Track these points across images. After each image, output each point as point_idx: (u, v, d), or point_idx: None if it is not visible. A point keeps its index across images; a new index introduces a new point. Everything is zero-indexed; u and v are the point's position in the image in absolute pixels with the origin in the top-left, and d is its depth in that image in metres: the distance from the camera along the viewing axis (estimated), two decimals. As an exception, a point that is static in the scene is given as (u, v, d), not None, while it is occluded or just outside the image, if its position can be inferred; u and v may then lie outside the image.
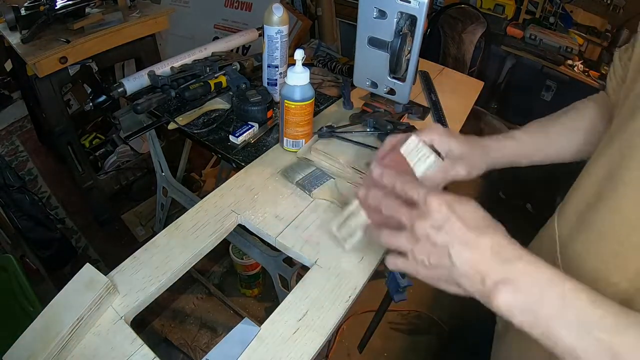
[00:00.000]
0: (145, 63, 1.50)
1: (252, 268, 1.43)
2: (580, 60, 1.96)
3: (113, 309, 0.54)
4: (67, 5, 1.34)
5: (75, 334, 0.50)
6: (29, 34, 1.26)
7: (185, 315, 1.47)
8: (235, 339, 0.64)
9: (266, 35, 0.89)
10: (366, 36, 0.81)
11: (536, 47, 1.98)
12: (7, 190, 1.35)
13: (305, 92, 0.75)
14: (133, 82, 0.98)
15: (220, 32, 2.25)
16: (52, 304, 0.51)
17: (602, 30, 1.92)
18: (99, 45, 1.34)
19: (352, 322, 1.47)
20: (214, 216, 0.67)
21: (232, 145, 0.87)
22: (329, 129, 0.86)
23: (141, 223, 1.75)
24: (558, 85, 2.01)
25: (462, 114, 1.03)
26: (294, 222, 0.68)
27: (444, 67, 1.26)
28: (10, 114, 2.36)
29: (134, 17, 1.43)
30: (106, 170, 1.82)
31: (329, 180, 0.76)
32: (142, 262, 0.60)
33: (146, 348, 0.51)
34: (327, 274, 0.60)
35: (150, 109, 0.90)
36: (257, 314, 1.49)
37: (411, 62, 0.80)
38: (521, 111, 2.16)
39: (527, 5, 2.06)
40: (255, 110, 0.91)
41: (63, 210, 1.84)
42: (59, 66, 1.27)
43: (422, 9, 0.72)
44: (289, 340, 0.52)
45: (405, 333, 1.49)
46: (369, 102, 0.94)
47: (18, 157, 2.12)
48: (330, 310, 0.56)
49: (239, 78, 0.97)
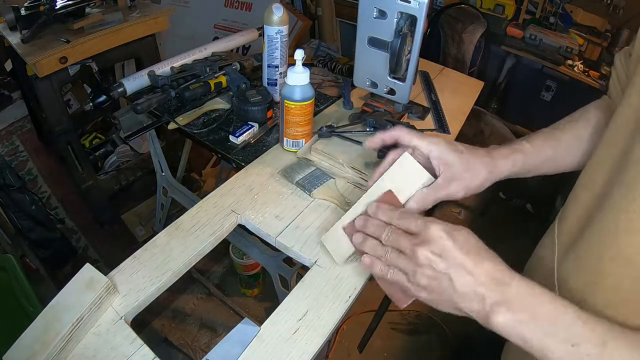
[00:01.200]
0: (145, 63, 1.50)
1: (252, 268, 1.43)
2: (580, 60, 1.96)
3: (113, 309, 0.54)
4: (67, 5, 1.34)
5: (75, 334, 0.50)
6: (29, 34, 1.26)
7: (185, 315, 1.47)
8: (235, 339, 0.64)
9: (266, 35, 0.89)
10: (366, 36, 0.81)
11: (536, 47, 1.98)
12: (7, 190, 1.35)
13: (305, 92, 0.75)
14: (133, 82, 0.98)
15: (220, 32, 2.25)
16: (52, 304, 0.51)
17: (602, 30, 1.92)
18: (99, 45, 1.34)
19: (352, 322, 1.48)
20: (214, 216, 0.67)
21: (232, 145, 0.87)
22: (329, 129, 0.86)
23: (141, 223, 1.75)
24: (558, 85, 2.01)
25: (462, 114, 1.03)
26: (294, 222, 0.68)
27: (444, 67, 1.26)
28: (10, 114, 2.35)
29: (134, 17, 1.43)
30: (106, 170, 1.82)
31: (329, 180, 0.76)
32: (142, 262, 0.60)
33: (146, 348, 0.51)
34: (327, 274, 0.60)
35: (150, 109, 0.90)
36: (257, 314, 1.49)
37: (411, 62, 0.80)
38: (521, 111, 2.16)
39: (527, 5, 2.06)
40: (255, 110, 0.91)
41: (63, 210, 1.84)
42: (59, 66, 1.27)
43: (422, 9, 0.72)
44: (289, 340, 0.52)
45: (405, 333, 1.49)
46: (369, 102, 0.94)
47: (18, 157, 2.12)
48: (330, 310, 0.56)
49: (239, 78, 0.97)
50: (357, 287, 0.59)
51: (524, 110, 2.15)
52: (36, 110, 1.98)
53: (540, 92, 2.08)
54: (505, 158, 0.54)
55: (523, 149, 0.55)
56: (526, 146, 0.55)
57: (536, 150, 0.56)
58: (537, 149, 0.56)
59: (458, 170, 0.52)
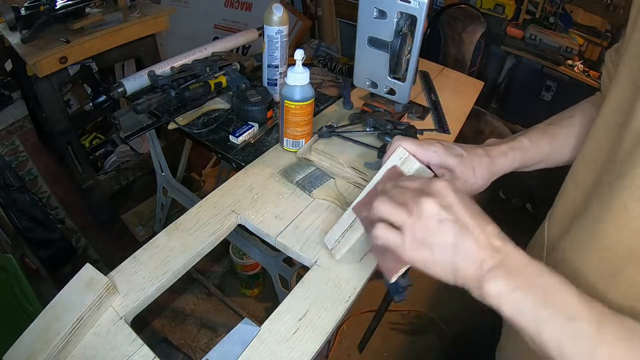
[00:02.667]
0: (145, 63, 1.50)
1: (252, 268, 1.43)
2: (580, 60, 1.96)
3: (113, 309, 0.54)
4: (67, 5, 1.34)
5: (76, 333, 0.50)
6: (29, 34, 1.26)
7: (185, 315, 1.47)
8: (235, 339, 0.64)
9: (266, 35, 0.89)
10: (366, 36, 0.81)
11: (536, 47, 1.98)
12: (7, 190, 1.35)
13: (305, 92, 0.75)
14: (133, 82, 0.98)
15: (220, 32, 2.25)
16: (52, 304, 0.51)
17: (602, 30, 1.92)
18: (99, 45, 1.34)
19: (352, 322, 1.47)
20: (214, 216, 0.67)
21: (232, 145, 0.87)
22: (329, 129, 0.86)
23: (141, 223, 1.75)
24: (558, 85, 2.00)
25: (462, 114, 1.03)
26: (294, 222, 0.68)
27: (444, 67, 1.26)
28: (10, 114, 2.36)
29: (134, 17, 1.43)
30: (106, 170, 1.82)
31: (329, 180, 0.76)
32: (142, 262, 0.60)
33: (146, 348, 0.51)
34: (327, 274, 0.60)
35: (150, 109, 0.90)
36: (257, 314, 1.49)
37: (411, 62, 0.80)
38: (521, 111, 2.16)
39: (527, 5, 2.06)
40: (255, 110, 0.91)
41: (63, 210, 1.84)
42: (59, 66, 1.27)
43: (422, 9, 0.72)
44: (289, 340, 0.52)
45: (405, 333, 1.49)
46: (369, 102, 0.94)
47: (18, 157, 2.12)
48: (330, 310, 0.56)
49: (239, 78, 0.97)
50: (357, 287, 0.59)
51: (524, 110, 2.14)
52: (36, 110, 1.98)
53: (540, 92, 2.08)
54: (504, 155, 0.54)
55: (522, 145, 0.55)
56: (524, 142, 0.56)
57: (534, 145, 0.56)
58: (535, 144, 0.56)
59: (460, 175, 0.52)
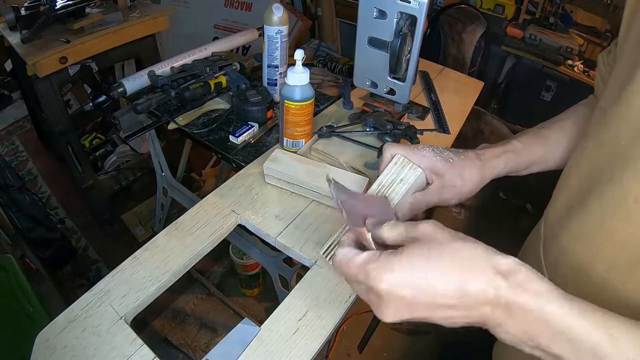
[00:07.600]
0: (145, 63, 1.50)
1: (252, 268, 1.43)
2: (580, 60, 1.96)
3: (113, 309, 0.54)
4: (67, 5, 1.34)
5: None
6: (29, 34, 1.26)
7: (185, 315, 1.47)
8: (235, 339, 0.64)
9: (266, 35, 0.89)
10: (366, 36, 0.81)
11: (536, 47, 1.98)
12: (7, 190, 1.35)
13: (305, 92, 0.75)
14: (133, 82, 0.98)
15: (220, 32, 2.25)
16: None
17: (602, 30, 1.92)
18: (99, 45, 1.34)
19: (352, 322, 1.47)
20: (214, 216, 0.67)
21: (232, 145, 0.87)
22: (329, 129, 0.86)
23: (141, 223, 1.75)
24: (558, 85, 2.01)
25: (462, 114, 1.03)
26: (294, 222, 0.68)
27: (444, 67, 1.26)
28: (10, 114, 2.35)
29: (134, 17, 1.42)
30: (106, 170, 1.82)
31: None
32: (142, 262, 0.60)
33: (146, 348, 0.51)
34: (327, 274, 0.60)
35: (150, 109, 0.90)
36: (257, 314, 1.49)
37: (411, 62, 0.80)
38: (521, 111, 2.16)
39: (527, 5, 2.06)
40: (255, 110, 0.91)
41: (63, 210, 1.84)
42: (59, 66, 1.27)
43: (422, 9, 0.72)
44: (289, 340, 0.52)
45: (405, 333, 1.49)
46: (369, 102, 0.94)
47: (18, 157, 2.12)
48: (330, 310, 0.56)
49: (239, 78, 0.97)
50: (357, 287, 0.59)
51: (524, 110, 2.15)
52: (36, 110, 1.98)
53: (540, 92, 2.08)
54: (497, 158, 0.54)
55: (514, 148, 0.55)
56: (517, 145, 0.56)
57: (526, 148, 0.56)
58: (527, 147, 0.56)
59: (449, 179, 0.52)
